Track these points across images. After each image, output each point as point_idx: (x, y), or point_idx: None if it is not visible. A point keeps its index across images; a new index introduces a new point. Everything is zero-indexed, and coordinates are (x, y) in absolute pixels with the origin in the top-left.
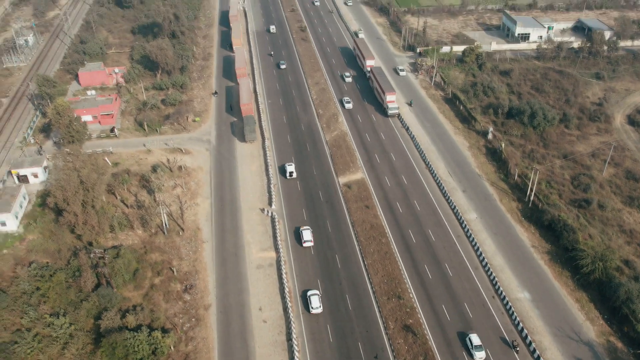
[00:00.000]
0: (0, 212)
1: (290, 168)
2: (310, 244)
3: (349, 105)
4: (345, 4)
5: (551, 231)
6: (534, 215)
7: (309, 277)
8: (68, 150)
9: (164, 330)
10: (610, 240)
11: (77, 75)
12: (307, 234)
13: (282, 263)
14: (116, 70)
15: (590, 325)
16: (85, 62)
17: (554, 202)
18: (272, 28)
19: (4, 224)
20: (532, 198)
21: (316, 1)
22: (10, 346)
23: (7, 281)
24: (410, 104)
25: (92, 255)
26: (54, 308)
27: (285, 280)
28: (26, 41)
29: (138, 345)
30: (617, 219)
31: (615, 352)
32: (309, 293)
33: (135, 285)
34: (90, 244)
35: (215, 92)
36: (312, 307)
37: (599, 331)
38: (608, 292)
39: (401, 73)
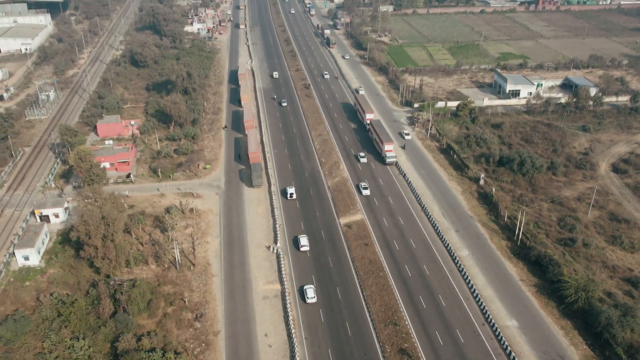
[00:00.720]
0: (24, 247)
1: (291, 190)
2: (307, 248)
3: (366, 192)
4: (343, 57)
5: (538, 266)
6: (522, 252)
7: (312, 309)
8: (89, 190)
9: (176, 353)
10: (594, 275)
11: (95, 127)
12: (303, 240)
13: (287, 294)
14: (132, 122)
15: (574, 350)
16: (104, 115)
17: (541, 240)
18: (275, 74)
19: (27, 258)
20: (520, 237)
21: (326, 74)
22: None
23: (30, 310)
24: (404, 147)
25: (111, 283)
26: (74, 333)
27: (289, 309)
28: (47, 96)
29: None
30: (600, 256)
31: None
32: (304, 287)
33: (149, 314)
34: (108, 276)
35: (225, 127)
36: (307, 297)
37: (583, 355)
38: (590, 319)
39: (406, 137)
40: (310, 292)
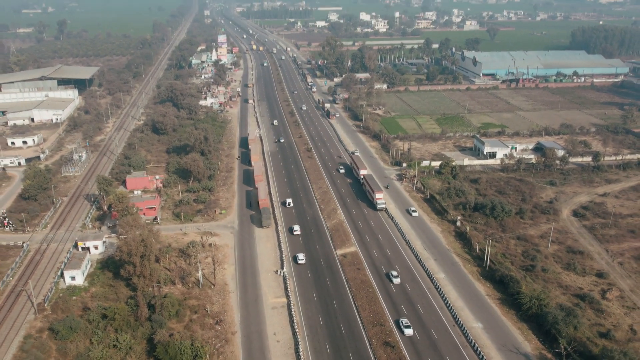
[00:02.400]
0: (73, 268)
1: (289, 200)
2: (298, 232)
3: (408, 331)
4: (334, 115)
5: (502, 285)
6: (490, 275)
7: (313, 314)
8: (130, 219)
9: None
10: (549, 291)
11: (124, 181)
12: (296, 227)
13: (292, 305)
14: (156, 177)
15: (528, 344)
16: (131, 171)
17: (506, 266)
18: (275, 122)
19: (74, 278)
20: (488, 263)
21: (341, 169)
22: (85, 354)
23: (77, 317)
24: (387, 187)
25: (150, 289)
26: (117, 331)
27: (294, 315)
28: (80, 156)
29: (184, 350)
30: (556, 278)
31: None
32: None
33: (178, 320)
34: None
35: (238, 157)
36: (299, 259)
37: (534, 347)
38: (542, 321)
39: (414, 214)
40: (300, 256)
